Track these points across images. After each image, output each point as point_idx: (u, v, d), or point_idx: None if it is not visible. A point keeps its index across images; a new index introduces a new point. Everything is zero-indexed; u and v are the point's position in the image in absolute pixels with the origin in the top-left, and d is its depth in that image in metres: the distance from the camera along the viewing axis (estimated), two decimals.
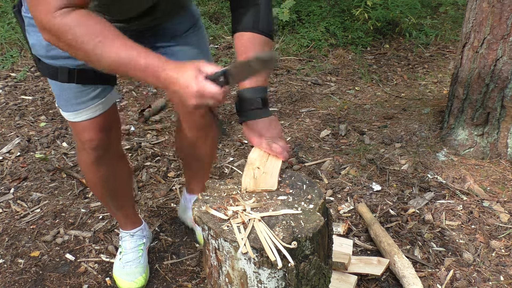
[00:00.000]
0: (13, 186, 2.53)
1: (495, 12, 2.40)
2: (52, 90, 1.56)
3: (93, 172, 1.70)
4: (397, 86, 3.78)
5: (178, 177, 2.61)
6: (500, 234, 2.13)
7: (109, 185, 1.76)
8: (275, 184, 1.33)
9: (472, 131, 2.63)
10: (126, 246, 1.96)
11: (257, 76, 1.35)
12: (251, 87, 1.37)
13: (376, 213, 2.28)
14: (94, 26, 1.11)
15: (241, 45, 1.40)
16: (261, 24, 1.39)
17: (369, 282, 1.89)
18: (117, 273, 1.93)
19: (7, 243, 2.15)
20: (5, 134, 3.04)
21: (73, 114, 1.53)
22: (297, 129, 3.09)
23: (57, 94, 1.53)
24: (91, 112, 1.52)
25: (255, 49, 1.37)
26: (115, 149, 1.72)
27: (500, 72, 2.45)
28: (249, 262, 1.16)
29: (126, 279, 1.89)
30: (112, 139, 1.64)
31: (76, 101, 1.50)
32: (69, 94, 1.49)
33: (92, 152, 1.60)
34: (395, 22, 4.71)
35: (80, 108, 1.51)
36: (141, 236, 1.99)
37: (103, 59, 1.12)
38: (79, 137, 1.59)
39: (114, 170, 1.73)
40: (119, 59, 1.12)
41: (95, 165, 1.65)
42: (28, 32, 1.45)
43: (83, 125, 1.54)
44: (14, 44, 4.37)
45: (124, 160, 1.84)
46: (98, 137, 1.56)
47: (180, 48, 1.63)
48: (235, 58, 4.50)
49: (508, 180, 2.45)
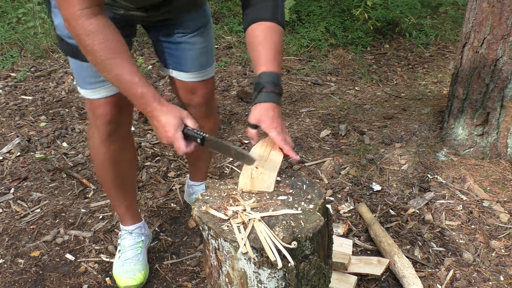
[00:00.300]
0: (13, 186, 2.53)
1: (495, 12, 2.40)
2: (71, 69, 1.65)
3: (103, 150, 1.74)
4: (397, 86, 3.79)
5: (178, 177, 2.61)
6: (500, 234, 2.13)
7: (116, 166, 1.80)
8: (272, 186, 1.32)
9: (472, 131, 2.63)
10: (125, 244, 1.97)
11: (274, 62, 1.42)
12: (269, 71, 1.40)
13: (376, 213, 2.28)
14: (111, 41, 1.27)
15: (261, 32, 1.44)
16: (279, 16, 1.47)
17: (369, 282, 1.89)
18: (116, 271, 1.93)
19: (7, 243, 2.15)
20: (5, 134, 3.04)
21: (90, 91, 1.62)
22: (297, 129, 3.09)
23: (76, 72, 1.62)
24: (107, 91, 1.61)
25: (275, 36, 1.45)
26: (125, 129, 1.79)
27: (500, 72, 2.45)
28: (249, 262, 1.16)
29: (124, 276, 1.89)
30: (123, 117, 1.72)
31: (93, 80, 1.59)
32: (87, 72, 1.58)
33: (104, 127, 1.68)
34: (395, 22, 4.71)
35: (96, 87, 1.60)
36: (140, 234, 2.00)
37: (107, 71, 1.29)
38: (94, 113, 1.67)
39: (121, 151, 1.78)
40: (122, 79, 1.29)
41: (106, 142, 1.71)
42: (54, 13, 1.53)
43: (98, 102, 1.63)
44: (14, 44, 4.37)
45: (132, 143, 1.88)
46: (111, 112, 1.65)
47: (185, 46, 1.73)
48: (235, 56, 4.47)
49: (508, 180, 2.45)
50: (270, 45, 1.42)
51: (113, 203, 1.95)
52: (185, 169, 2.67)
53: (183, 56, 1.75)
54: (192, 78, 1.80)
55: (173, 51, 1.75)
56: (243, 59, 4.21)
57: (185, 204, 2.39)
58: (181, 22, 1.69)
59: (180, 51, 1.74)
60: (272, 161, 1.38)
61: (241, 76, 3.94)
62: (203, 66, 1.80)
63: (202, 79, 1.82)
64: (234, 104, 3.46)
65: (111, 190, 1.90)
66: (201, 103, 1.88)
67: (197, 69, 1.78)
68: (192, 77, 1.80)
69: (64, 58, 4.20)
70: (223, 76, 3.94)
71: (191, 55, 1.75)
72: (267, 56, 1.41)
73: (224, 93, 3.64)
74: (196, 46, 1.74)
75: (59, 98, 3.53)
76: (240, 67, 4.12)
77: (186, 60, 1.75)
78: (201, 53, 1.76)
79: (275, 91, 1.39)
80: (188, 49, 1.73)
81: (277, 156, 1.41)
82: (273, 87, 1.39)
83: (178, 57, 1.76)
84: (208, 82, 1.85)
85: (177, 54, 1.75)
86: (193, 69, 1.78)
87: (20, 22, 4.76)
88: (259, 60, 1.41)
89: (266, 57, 1.41)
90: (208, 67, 1.82)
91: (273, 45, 1.43)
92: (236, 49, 4.42)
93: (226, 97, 3.59)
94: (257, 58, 1.42)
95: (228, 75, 3.96)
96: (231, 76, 3.95)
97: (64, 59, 4.18)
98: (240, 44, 4.50)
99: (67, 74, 3.91)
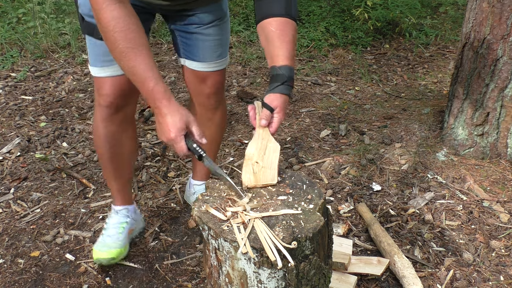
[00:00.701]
0: (13, 186, 2.53)
1: (495, 12, 2.40)
2: (87, 47, 1.73)
3: (102, 128, 1.81)
4: (397, 86, 3.79)
5: (178, 177, 2.61)
6: (500, 234, 2.13)
7: (112, 146, 1.86)
8: (275, 178, 1.34)
9: (472, 131, 2.63)
10: (110, 222, 2.04)
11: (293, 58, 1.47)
12: (285, 65, 1.44)
13: (376, 213, 2.28)
14: (132, 31, 1.29)
15: (278, 26, 1.47)
16: (293, 11, 1.51)
17: (369, 282, 1.89)
18: (95, 246, 1.99)
19: (7, 243, 2.15)
20: (5, 134, 3.04)
21: (99, 69, 1.70)
22: (297, 129, 3.09)
23: (90, 49, 1.71)
24: (113, 70, 1.68)
25: (290, 32, 1.48)
26: (127, 114, 1.84)
27: (500, 72, 2.45)
28: (249, 262, 1.16)
29: (99, 250, 1.96)
30: (126, 103, 1.79)
31: (103, 58, 1.66)
32: (99, 50, 1.66)
33: (105, 108, 1.76)
34: (395, 22, 4.71)
35: (105, 65, 1.68)
36: (125, 215, 2.05)
37: (123, 61, 1.30)
38: (99, 91, 1.74)
39: (121, 133, 1.84)
40: (136, 70, 1.30)
41: (105, 122, 1.79)
42: None
43: (104, 81, 1.71)
44: (14, 44, 4.38)
45: (132, 129, 1.93)
46: (114, 94, 1.72)
47: (198, 37, 1.80)
48: (235, 56, 4.46)
49: (508, 180, 2.45)
50: (288, 40, 1.47)
51: (107, 180, 2.03)
52: (185, 169, 2.67)
53: (196, 46, 1.81)
54: (204, 68, 1.86)
55: (187, 40, 1.82)
56: (243, 59, 4.21)
57: (185, 204, 2.39)
58: (198, 14, 1.75)
59: (193, 40, 1.80)
60: (270, 154, 1.41)
61: (241, 76, 3.94)
62: (216, 57, 1.85)
63: (214, 69, 1.88)
64: (234, 104, 3.46)
65: (106, 167, 1.96)
66: (210, 93, 1.93)
67: (208, 59, 1.84)
68: (203, 67, 1.86)
69: (64, 58, 4.20)
70: None
71: (204, 45, 1.81)
72: (287, 50, 1.45)
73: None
74: (210, 37, 1.80)
75: (59, 98, 3.53)
76: (240, 67, 4.12)
77: (198, 50, 1.82)
78: (215, 45, 1.82)
79: (292, 85, 1.47)
80: (201, 40, 1.80)
81: (275, 147, 1.43)
82: (292, 81, 1.46)
83: (191, 47, 1.82)
84: (219, 72, 1.91)
85: (190, 43, 1.82)
86: (205, 59, 1.84)
87: (20, 22, 4.76)
88: (278, 54, 1.45)
89: (287, 52, 1.45)
90: (221, 59, 1.88)
91: (290, 40, 1.47)
92: (236, 49, 4.42)
93: (226, 97, 3.59)
94: (275, 52, 1.46)
95: (228, 75, 3.96)
96: (231, 76, 3.95)
97: (64, 59, 4.18)
98: (240, 44, 4.50)
99: (67, 74, 3.91)
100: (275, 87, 1.44)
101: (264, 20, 1.49)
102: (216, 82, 1.91)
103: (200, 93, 1.93)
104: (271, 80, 1.46)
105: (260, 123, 1.44)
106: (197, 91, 1.94)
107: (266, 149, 1.41)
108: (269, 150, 1.41)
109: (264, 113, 1.45)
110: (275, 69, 1.44)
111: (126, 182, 2.02)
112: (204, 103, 1.97)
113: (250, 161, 1.38)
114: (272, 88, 1.44)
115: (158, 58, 4.27)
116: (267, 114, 1.44)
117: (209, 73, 1.87)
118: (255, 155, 1.40)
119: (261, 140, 1.45)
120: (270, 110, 1.44)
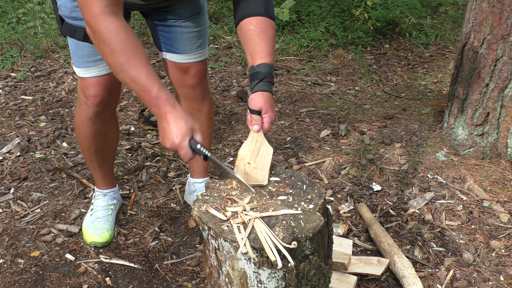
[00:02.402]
0: (13, 186, 2.53)
1: (495, 12, 2.40)
2: (69, 48, 1.77)
3: (89, 126, 1.89)
4: (397, 86, 3.79)
5: (178, 177, 2.61)
6: (500, 234, 2.13)
7: (98, 141, 1.96)
8: (266, 179, 1.35)
9: (472, 131, 2.63)
10: (98, 204, 2.15)
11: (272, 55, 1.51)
12: (268, 63, 1.48)
13: (376, 213, 2.28)
14: (130, 42, 1.30)
15: (257, 25, 1.52)
16: (271, 11, 1.56)
17: (369, 282, 1.89)
18: (86, 227, 2.11)
19: (7, 243, 2.15)
20: (5, 134, 3.04)
21: (83, 70, 1.74)
22: (297, 129, 3.09)
23: (72, 51, 1.75)
24: (99, 70, 1.74)
25: (269, 30, 1.53)
26: (112, 110, 1.95)
27: (500, 72, 2.45)
28: (249, 262, 1.16)
29: (93, 233, 2.08)
30: (112, 99, 1.87)
31: (87, 59, 1.72)
32: (82, 51, 1.71)
33: (93, 108, 1.82)
34: (395, 22, 4.71)
35: (90, 66, 1.73)
36: (113, 197, 2.19)
37: (124, 72, 1.30)
38: (85, 93, 1.80)
39: (106, 128, 1.95)
40: (137, 80, 1.30)
41: (92, 120, 1.86)
42: None
43: (90, 81, 1.76)
44: (14, 44, 4.37)
45: (115, 121, 2.05)
46: (102, 94, 1.79)
47: (177, 30, 1.85)
48: (235, 56, 4.47)
49: (508, 180, 2.45)
50: (268, 38, 1.51)
51: (91, 169, 2.12)
52: (185, 169, 2.67)
53: (176, 38, 1.87)
54: (185, 60, 1.92)
55: (167, 33, 1.87)
56: (243, 59, 4.21)
57: (185, 204, 2.39)
58: (175, 9, 1.81)
59: (173, 33, 1.86)
60: (263, 156, 1.43)
61: (241, 76, 3.94)
62: (195, 48, 1.91)
63: (195, 60, 1.93)
64: (234, 104, 3.46)
65: (91, 159, 2.05)
66: (194, 84, 1.98)
67: (189, 51, 1.90)
68: (184, 59, 1.91)
69: (64, 58, 4.20)
70: (223, 76, 3.94)
71: (184, 37, 1.87)
72: (266, 47, 1.50)
73: (224, 93, 3.64)
74: (189, 29, 1.86)
75: (59, 98, 3.53)
76: (240, 67, 4.12)
77: (178, 42, 1.88)
78: (194, 37, 1.88)
79: (272, 82, 1.49)
80: (180, 32, 1.86)
81: (268, 150, 1.45)
82: (271, 78, 1.49)
83: (171, 40, 1.88)
84: (200, 63, 1.96)
85: (170, 36, 1.87)
86: (185, 51, 1.90)
87: (20, 22, 4.76)
88: (257, 51, 1.49)
89: (266, 49, 1.49)
90: (201, 49, 1.93)
91: (270, 38, 1.52)
92: (236, 49, 4.42)
93: (226, 97, 3.59)
94: (254, 49, 1.50)
95: (228, 75, 3.96)
96: (231, 76, 3.95)
97: (64, 59, 4.18)
98: (240, 44, 4.50)
99: (67, 74, 3.91)
100: (254, 85, 1.47)
101: (243, 20, 1.54)
102: (198, 72, 1.96)
103: (184, 84, 1.98)
104: (250, 80, 1.50)
105: (252, 129, 1.47)
106: (180, 83, 1.98)
107: (259, 152, 1.44)
108: (262, 152, 1.44)
109: (254, 118, 1.48)
110: (253, 68, 1.49)
111: (111, 166, 2.14)
112: (189, 95, 2.01)
113: (242, 162, 1.40)
114: (252, 87, 1.48)
115: (158, 59, 4.27)
116: (257, 119, 1.47)
117: (191, 64, 1.93)
118: (247, 156, 1.42)
119: (255, 143, 1.47)
120: (258, 113, 1.47)
